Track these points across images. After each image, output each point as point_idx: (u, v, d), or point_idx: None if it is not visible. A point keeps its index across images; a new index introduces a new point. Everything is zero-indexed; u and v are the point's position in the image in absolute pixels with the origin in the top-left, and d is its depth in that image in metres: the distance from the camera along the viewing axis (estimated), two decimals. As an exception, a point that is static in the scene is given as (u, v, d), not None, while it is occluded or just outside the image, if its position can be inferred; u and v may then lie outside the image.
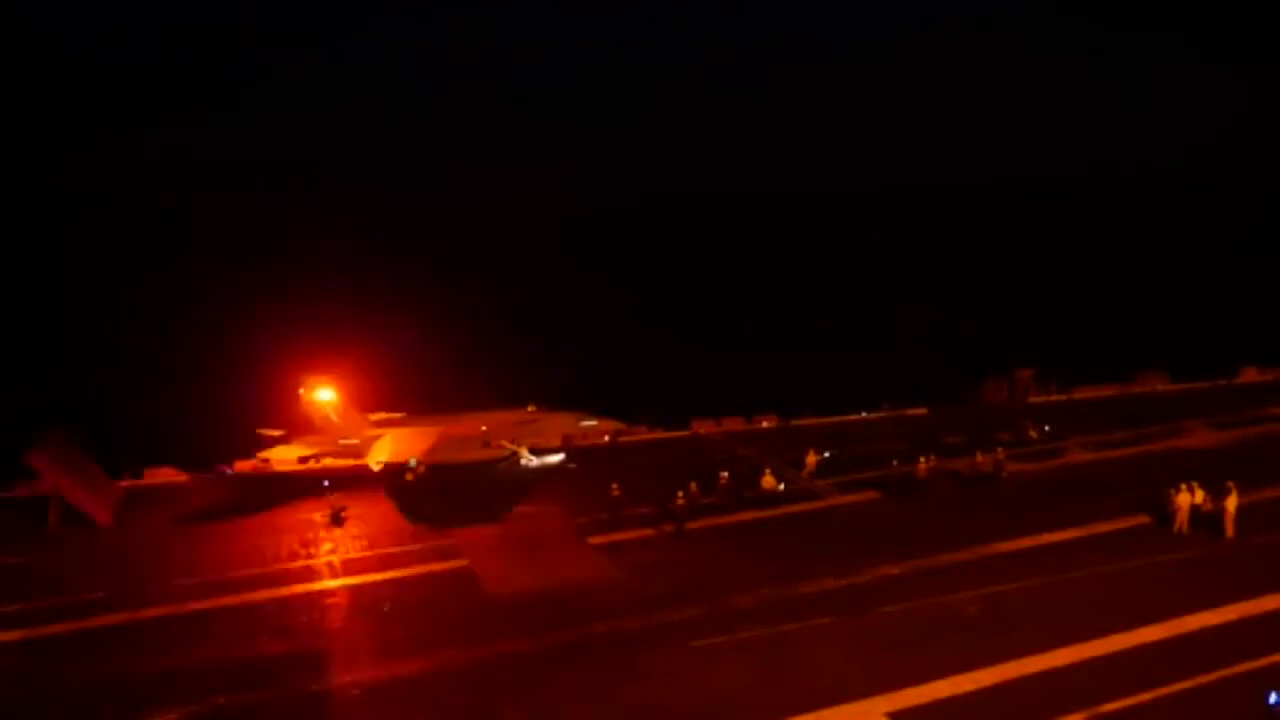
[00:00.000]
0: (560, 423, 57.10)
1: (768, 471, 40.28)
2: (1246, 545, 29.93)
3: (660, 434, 60.08)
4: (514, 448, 53.57)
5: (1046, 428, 52.32)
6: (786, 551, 32.60)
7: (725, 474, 41.09)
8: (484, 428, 55.24)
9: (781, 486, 40.10)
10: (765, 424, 61.67)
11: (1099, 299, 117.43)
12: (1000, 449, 43.53)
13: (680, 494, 35.70)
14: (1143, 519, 33.42)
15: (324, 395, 53.23)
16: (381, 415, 56.21)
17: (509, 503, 41.81)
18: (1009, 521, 33.64)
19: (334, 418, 53.42)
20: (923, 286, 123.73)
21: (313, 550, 35.53)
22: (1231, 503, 30.84)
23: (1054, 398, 67.11)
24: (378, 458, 51.39)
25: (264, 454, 53.92)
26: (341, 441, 53.80)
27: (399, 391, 62.64)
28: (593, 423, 58.23)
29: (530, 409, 57.52)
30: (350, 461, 52.55)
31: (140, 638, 27.56)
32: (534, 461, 53.06)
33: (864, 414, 63.80)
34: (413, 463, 50.93)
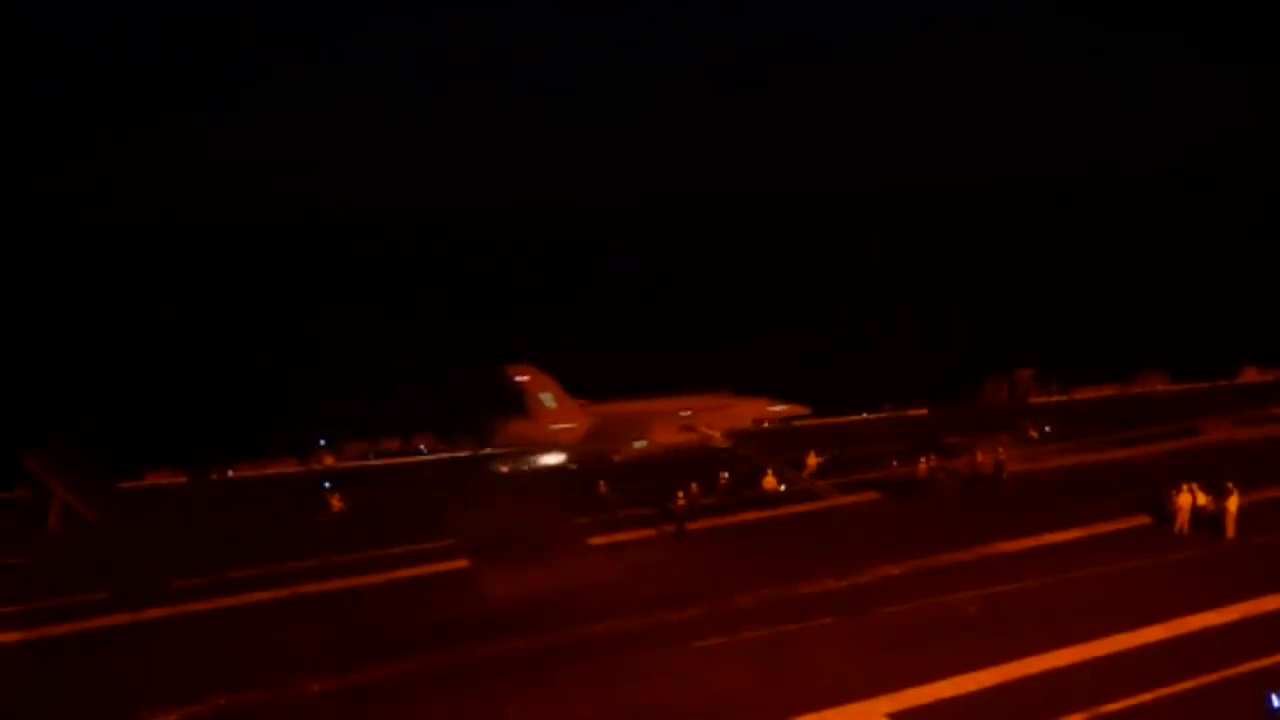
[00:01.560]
0: (750, 407, 58.98)
1: (769, 472, 40.30)
2: (1247, 545, 29.88)
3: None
4: (711, 432, 54.86)
5: (1047, 428, 52.38)
6: (787, 551, 32.58)
7: (725, 474, 41.14)
8: (687, 412, 56.56)
9: (783, 487, 40.12)
10: (766, 425, 61.78)
11: (1099, 299, 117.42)
12: (1001, 449, 43.55)
13: (680, 494, 35.72)
14: (1143, 519, 33.39)
15: (538, 382, 55.27)
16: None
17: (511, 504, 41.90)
18: (1009, 521, 33.62)
19: (551, 404, 54.32)
20: (923, 286, 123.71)
21: (315, 550, 35.51)
22: (1233, 503, 30.79)
23: (1054, 398, 67.18)
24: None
25: None
26: (554, 426, 55.47)
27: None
28: (780, 407, 60.33)
29: (723, 394, 59.72)
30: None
31: (140, 638, 27.59)
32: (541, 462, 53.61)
33: (864, 414, 63.92)
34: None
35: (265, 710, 22.00)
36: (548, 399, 55.56)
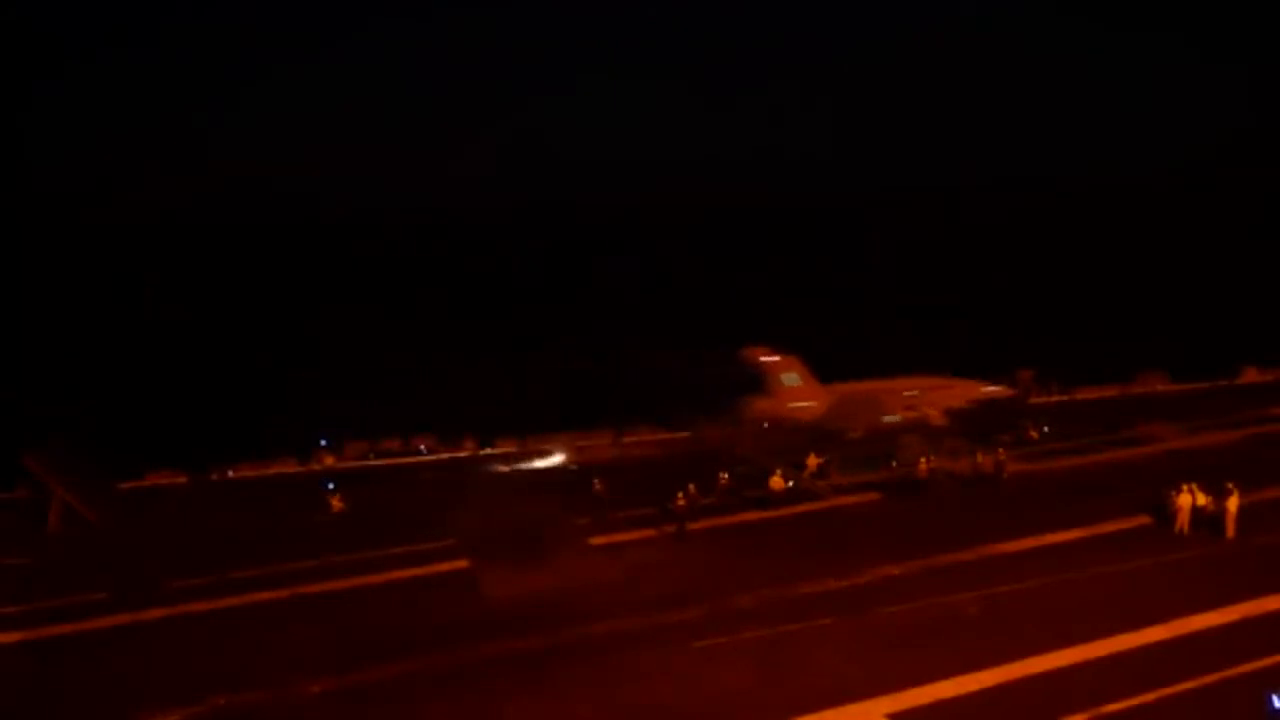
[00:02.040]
0: (966, 388, 62.51)
1: (778, 472, 40.27)
2: (1247, 546, 29.89)
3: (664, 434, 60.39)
4: (930, 411, 58.19)
5: (1045, 428, 52.42)
6: (787, 552, 32.58)
7: (725, 475, 41.14)
8: (913, 391, 60.01)
9: (790, 483, 40.13)
10: (766, 424, 61.79)
11: (1099, 299, 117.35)
12: (1001, 449, 43.56)
13: (681, 494, 35.73)
14: (1143, 519, 33.39)
15: (782, 363, 58.56)
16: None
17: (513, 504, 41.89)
18: (1009, 521, 33.62)
19: (794, 383, 58.65)
20: (923, 286, 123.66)
21: (315, 550, 35.47)
22: (1233, 503, 30.81)
23: (1054, 398, 67.20)
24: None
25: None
26: (795, 404, 58.58)
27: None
28: (993, 387, 63.84)
29: (941, 376, 63.13)
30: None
31: (140, 638, 27.57)
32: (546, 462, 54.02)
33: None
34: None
35: (265, 710, 21.99)
36: (791, 378, 58.24)
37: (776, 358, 58.70)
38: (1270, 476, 36.50)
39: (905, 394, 59.79)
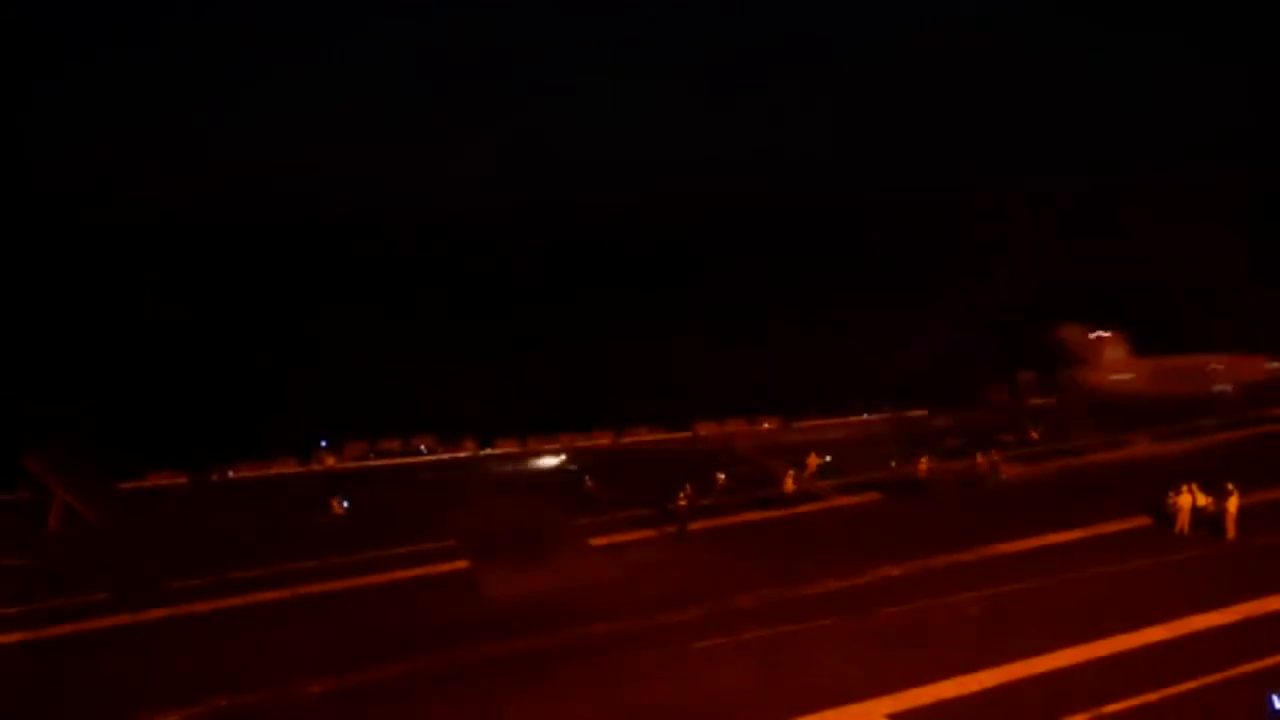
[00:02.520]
0: (1255, 363, 66.46)
1: (790, 474, 40.32)
2: (1247, 546, 29.90)
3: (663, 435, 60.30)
4: (1223, 386, 62.46)
5: (1043, 428, 52.46)
6: (787, 552, 32.60)
7: (722, 475, 41.20)
8: (1218, 366, 64.74)
9: (803, 473, 40.33)
10: (766, 425, 61.85)
11: (1098, 299, 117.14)
12: (995, 450, 43.61)
13: (681, 495, 35.74)
14: (1143, 520, 33.40)
15: (1109, 338, 64.47)
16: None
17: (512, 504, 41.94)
18: (1010, 522, 33.64)
19: (1118, 355, 64.43)
20: (923, 287, 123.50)
21: (315, 551, 35.46)
22: (1233, 503, 30.83)
23: (1055, 399, 67.09)
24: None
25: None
26: (1116, 376, 64.32)
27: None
28: (1277, 364, 67.40)
29: (1234, 352, 67.10)
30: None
31: (140, 638, 27.56)
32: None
33: (865, 415, 63.97)
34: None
35: (266, 711, 22.00)
36: (1115, 352, 64.61)
37: (1104, 333, 63.38)
38: (1270, 476, 36.51)
39: (1210, 367, 63.60)
